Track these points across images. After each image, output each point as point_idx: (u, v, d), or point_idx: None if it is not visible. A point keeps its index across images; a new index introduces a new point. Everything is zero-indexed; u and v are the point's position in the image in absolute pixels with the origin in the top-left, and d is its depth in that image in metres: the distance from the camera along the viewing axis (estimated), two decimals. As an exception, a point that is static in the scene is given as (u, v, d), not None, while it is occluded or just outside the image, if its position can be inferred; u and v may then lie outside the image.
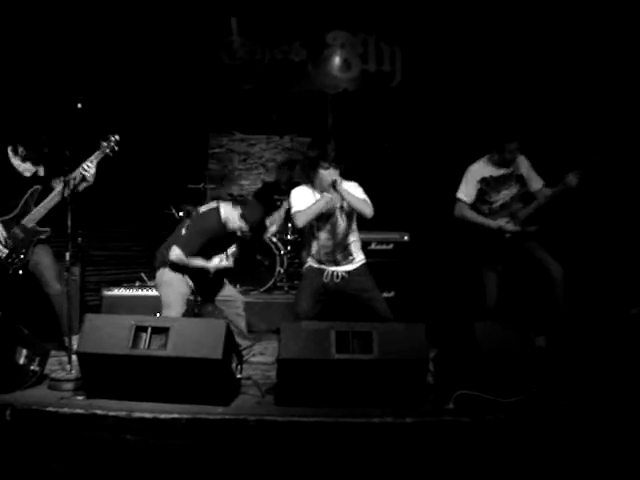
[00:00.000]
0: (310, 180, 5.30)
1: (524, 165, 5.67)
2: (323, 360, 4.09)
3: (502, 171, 5.65)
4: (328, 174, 5.11)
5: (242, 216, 5.28)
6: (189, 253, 5.18)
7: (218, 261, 5.33)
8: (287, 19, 8.54)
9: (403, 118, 8.58)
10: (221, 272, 5.46)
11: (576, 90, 7.16)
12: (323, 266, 5.28)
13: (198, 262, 5.26)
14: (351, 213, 5.28)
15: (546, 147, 6.57)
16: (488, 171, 5.68)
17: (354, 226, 5.34)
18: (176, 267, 5.25)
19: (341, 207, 5.23)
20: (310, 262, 5.36)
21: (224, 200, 5.56)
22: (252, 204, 5.41)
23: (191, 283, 5.34)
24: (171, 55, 8.20)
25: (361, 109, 8.81)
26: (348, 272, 5.26)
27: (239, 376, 4.51)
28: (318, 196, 5.20)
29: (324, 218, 5.24)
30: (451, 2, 7.97)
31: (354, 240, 5.34)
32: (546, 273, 5.43)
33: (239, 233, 5.39)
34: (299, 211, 5.20)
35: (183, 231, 5.37)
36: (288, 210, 5.57)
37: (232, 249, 5.50)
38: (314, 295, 5.22)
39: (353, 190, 5.21)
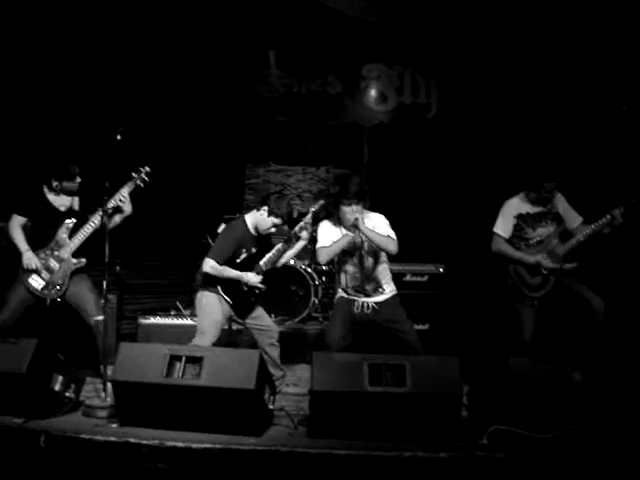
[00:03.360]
0: (333, 216, 5.30)
1: (561, 203, 5.60)
2: (356, 392, 4.08)
3: (539, 209, 5.60)
4: (350, 211, 5.09)
5: (270, 213, 5.31)
6: (221, 261, 5.19)
7: (252, 275, 5.34)
8: (324, 52, 8.66)
9: (439, 149, 8.58)
10: (253, 288, 5.45)
11: (616, 128, 7.07)
12: (354, 297, 5.27)
13: (232, 273, 5.26)
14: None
15: (585, 183, 6.51)
16: (525, 208, 5.62)
17: (382, 258, 5.32)
18: (212, 281, 5.26)
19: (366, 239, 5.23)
20: (341, 293, 5.37)
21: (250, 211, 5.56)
22: (273, 198, 5.39)
23: (228, 299, 5.31)
24: (209, 87, 8.36)
25: (397, 140, 8.84)
26: (378, 303, 5.25)
27: (272, 407, 4.51)
28: (343, 231, 5.21)
29: (350, 252, 5.24)
30: (487, 35, 7.97)
31: (383, 271, 5.33)
32: (587, 306, 5.33)
33: (274, 229, 5.40)
34: (323, 247, 5.23)
35: (213, 243, 5.44)
36: (316, 216, 5.61)
37: (264, 259, 5.51)
38: (345, 325, 5.20)
39: (378, 224, 5.22)
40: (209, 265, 5.18)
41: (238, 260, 5.32)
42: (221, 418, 4.16)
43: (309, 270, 7.62)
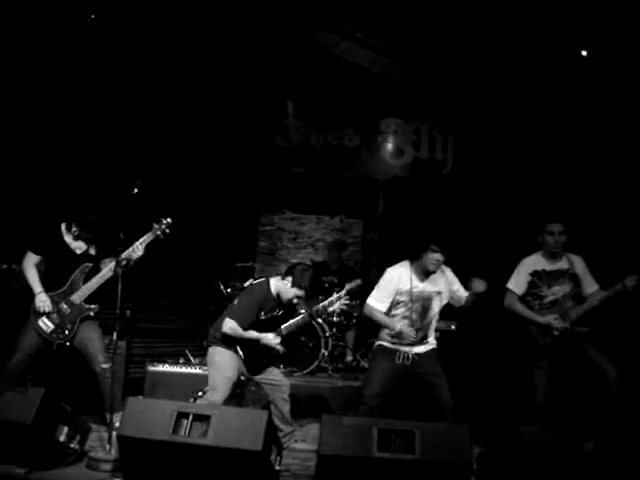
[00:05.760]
0: (411, 263, 5.23)
1: (580, 265, 5.56)
2: (364, 458, 4.01)
3: (556, 266, 5.56)
4: (435, 258, 5.03)
5: (294, 284, 5.30)
6: (242, 325, 5.16)
7: (272, 337, 5.30)
8: (342, 104, 8.75)
9: (454, 205, 8.59)
10: (270, 349, 5.39)
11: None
12: (397, 346, 5.20)
13: (251, 334, 5.23)
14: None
15: (604, 248, 6.47)
16: (541, 264, 5.60)
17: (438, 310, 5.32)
18: (229, 340, 5.22)
19: (439, 292, 5.21)
20: (383, 341, 5.27)
21: (273, 276, 5.55)
22: (299, 270, 5.38)
23: (241, 354, 5.27)
24: (227, 135, 8.42)
25: (412, 195, 8.88)
26: (419, 354, 5.19)
27: (278, 467, 4.44)
28: (415, 280, 5.15)
29: (419, 300, 5.18)
30: (502, 93, 8.02)
31: (434, 324, 5.35)
32: (601, 374, 5.26)
33: (295, 300, 5.39)
34: (374, 308, 5.21)
35: (235, 303, 5.39)
36: (349, 291, 5.60)
37: (287, 324, 5.48)
38: (384, 381, 5.13)
39: (452, 278, 5.28)
40: (229, 326, 5.14)
41: (259, 319, 5.32)
42: (226, 478, 4.10)
43: (319, 321, 7.57)
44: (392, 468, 4.03)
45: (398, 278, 5.19)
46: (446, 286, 5.25)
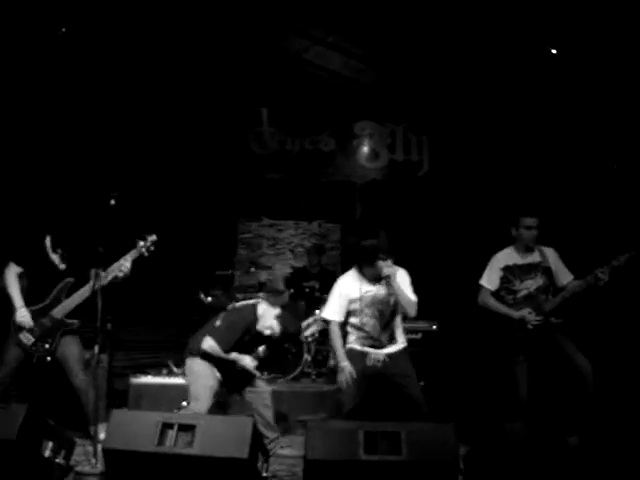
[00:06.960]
0: (360, 268, 5.23)
1: (552, 258, 5.60)
2: (350, 461, 4.02)
3: (528, 260, 5.60)
4: (385, 265, 5.04)
5: (278, 318, 5.32)
6: (224, 347, 5.19)
7: (249, 360, 5.32)
8: (316, 110, 8.81)
9: (430, 206, 8.65)
10: (247, 372, 5.41)
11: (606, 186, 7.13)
12: (366, 349, 5.21)
13: (229, 355, 5.26)
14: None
15: (576, 239, 6.54)
16: (513, 259, 5.64)
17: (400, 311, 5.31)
18: (206, 356, 5.24)
19: (391, 293, 5.16)
20: (353, 344, 5.28)
21: (264, 300, 5.56)
22: (290, 316, 5.41)
23: (219, 375, 5.30)
24: (202, 144, 8.43)
25: (389, 197, 8.93)
26: (389, 355, 5.19)
27: (265, 474, 4.43)
28: (364, 286, 5.16)
29: (374, 304, 5.18)
30: (474, 92, 8.10)
31: (399, 322, 5.31)
32: (575, 368, 5.32)
33: (267, 332, 5.39)
34: (331, 321, 5.24)
35: (218, 322, 5.38)
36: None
37: (262, 347, 5.49)
38: (358, 381, 5.12)
39: (402, 280, 5.17)
40: (208, 344, 5.19)
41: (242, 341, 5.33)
42: (214, 486, 4.09)
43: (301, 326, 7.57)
44: (379, 470, 4.04)
45: (346, 286, 5.24)
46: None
